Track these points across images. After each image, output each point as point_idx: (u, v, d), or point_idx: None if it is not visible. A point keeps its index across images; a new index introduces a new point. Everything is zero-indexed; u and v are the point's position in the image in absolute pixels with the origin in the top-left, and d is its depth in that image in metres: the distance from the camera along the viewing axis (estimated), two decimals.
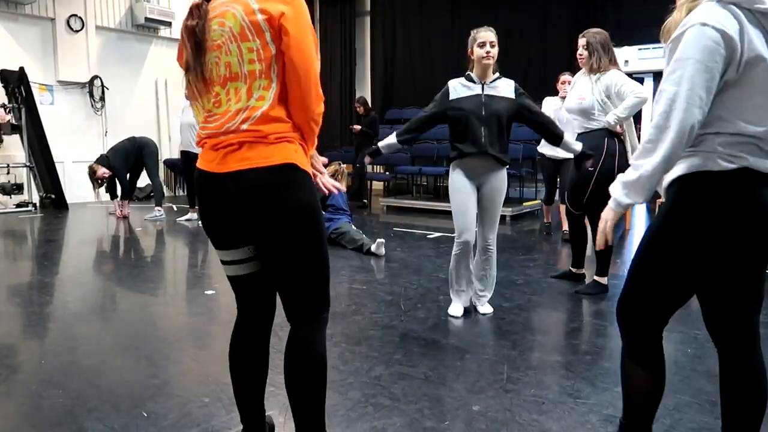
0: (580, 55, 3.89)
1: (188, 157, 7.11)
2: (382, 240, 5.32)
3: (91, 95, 9.41)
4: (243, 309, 1.86)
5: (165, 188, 10.37)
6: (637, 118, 10.70)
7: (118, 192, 7.64)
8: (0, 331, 3.28)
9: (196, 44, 1.60)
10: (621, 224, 6.94)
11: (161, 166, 9.95)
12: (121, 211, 7.66)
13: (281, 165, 1.59)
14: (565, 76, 5.66)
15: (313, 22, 1.75)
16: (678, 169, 1.57)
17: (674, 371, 2.70)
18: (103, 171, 7.34)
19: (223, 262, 1.79)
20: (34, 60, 8.73)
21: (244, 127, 1.59)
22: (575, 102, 3.88)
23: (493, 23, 2.35)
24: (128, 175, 7.53)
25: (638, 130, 10.82)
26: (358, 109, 9.24)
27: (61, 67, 9.02)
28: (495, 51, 3.24)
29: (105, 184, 7.51)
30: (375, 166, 10.29)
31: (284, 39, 1.55)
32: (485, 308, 3.60)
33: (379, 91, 11.54)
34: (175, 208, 8.56)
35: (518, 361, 2.81)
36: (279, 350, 2.92)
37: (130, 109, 9.90)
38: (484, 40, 3.22)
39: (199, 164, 1.68)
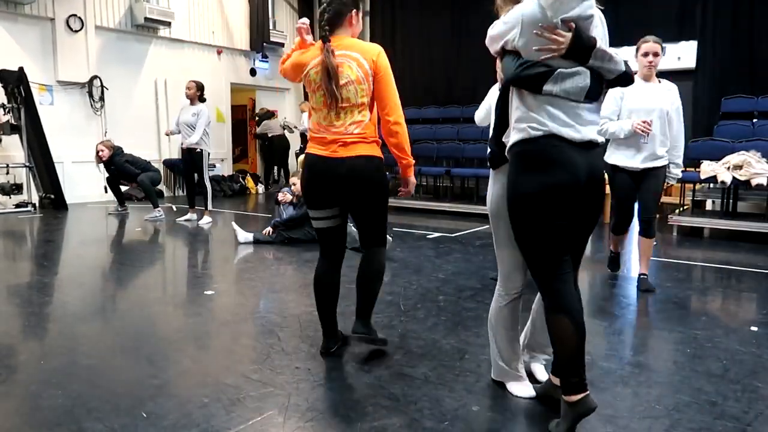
0: (652, 63, 3.94)
1: (191, 155, 7.07)
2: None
3: (91, 95, 9.40)
4: (325, 252, 2.86)
5: (165, 188, 10.39)
6: None
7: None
8: None
9: (329, 77, 2.61)
10: None
11: (161, 166, 10.01)
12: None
13: (374, 156, 2.71)
14: None
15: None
16: (511, 139, 2.13)
17: (673, 371, 2.70)
18: (105, 153, 7.58)
19: (315, 219, 2.81)
20: (34, 60, 8.72)
21: (356, 132, 2.67)
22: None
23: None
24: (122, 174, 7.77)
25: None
26: None
27: (60, 67, 9.00)
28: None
29: (101, 164, 7.83)
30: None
31: (377, 76, 2.69)
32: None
33: None
34: (175, 208, 8.56)
35: None
36: (280, 350, 2.93)
37: (130, 109, 9.89)
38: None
39: (315, 151, 2.71)
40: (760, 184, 6.02)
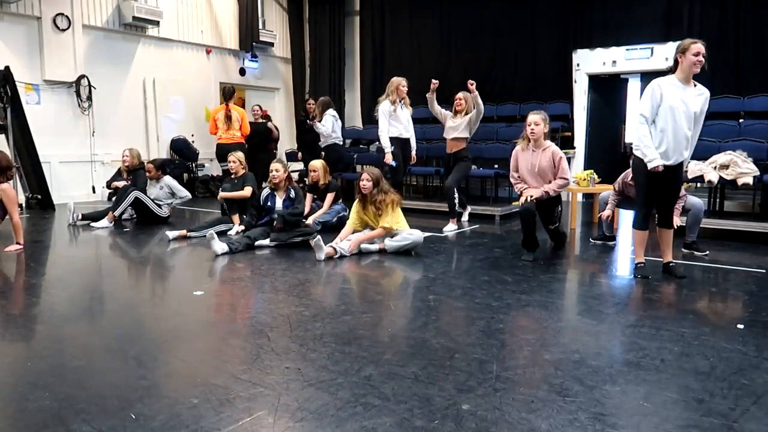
0: (702, 63, 4.14)
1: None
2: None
3: (78, 95, 9.32)
4: None
5: None
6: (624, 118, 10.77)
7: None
8: None
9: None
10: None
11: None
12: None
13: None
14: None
15: (302, 22, 1.86)
16: None
17: (661, 369, 2.72)
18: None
19: None
20: (20, 59, 8.63)
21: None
22: None
23: (482, 22, 2.31)
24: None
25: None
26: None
27: (47, 66, 8.93)
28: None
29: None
30: (364, 166, 10.28)
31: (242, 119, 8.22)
32: None
33: (368, 90, 11.53)
34: None
35: (507, 360, 2.82)
36: (270, 350, 2.92)
37: (118, 108, 9.82)
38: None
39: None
40: (746, 184, 6.08)
